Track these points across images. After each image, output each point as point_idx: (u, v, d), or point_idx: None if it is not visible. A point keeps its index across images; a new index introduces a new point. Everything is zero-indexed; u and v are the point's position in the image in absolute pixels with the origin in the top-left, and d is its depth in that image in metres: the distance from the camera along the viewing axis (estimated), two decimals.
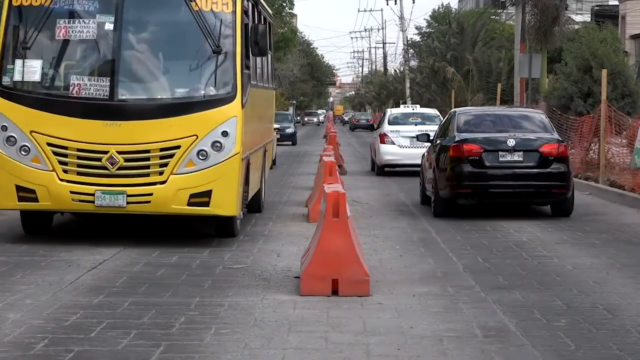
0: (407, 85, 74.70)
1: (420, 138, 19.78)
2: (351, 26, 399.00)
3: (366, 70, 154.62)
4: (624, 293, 9.95)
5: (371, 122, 73.37)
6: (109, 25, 12.82)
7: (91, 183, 12.56)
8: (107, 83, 12.65)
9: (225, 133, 12.62)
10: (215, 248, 12.83)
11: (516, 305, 9.32)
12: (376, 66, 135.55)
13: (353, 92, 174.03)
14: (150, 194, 12.55)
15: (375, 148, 29.27)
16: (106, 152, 12.50)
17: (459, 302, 9.43)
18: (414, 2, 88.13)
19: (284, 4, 62.11)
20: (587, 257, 12.37)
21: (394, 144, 27.67)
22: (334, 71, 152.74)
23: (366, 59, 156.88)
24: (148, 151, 12.56)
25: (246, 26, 13.40)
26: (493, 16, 63.23)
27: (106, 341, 7.72)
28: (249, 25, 13.66)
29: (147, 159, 12.58)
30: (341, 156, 30.99)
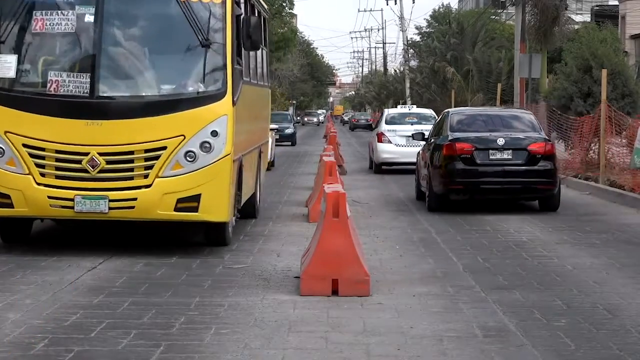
0: (407, 85, 74.73)
1: (415, 137, 20.62)
2: (351, 26, 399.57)
3: (366, 70, 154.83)
4: (624, 293, 9.95)
5: (371, 122, 73.54)
6: (90, 17, 11.91)
7: (70, 187, 11.64)
8: (88, 79, 11.73)
9: (214, 133, 11.74)
10: (215, 248, 12.77)
11: (516, 305, 9.32)
12: (376, 66, 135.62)
13: (353, 92, 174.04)
14: (134, 199, 11.66)
15: (373, 147, 29.99)
16: (87, 154, 11.60)
17: (459, 302, 9.43)
18: (414, 2, 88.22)
19: (284, 4, 62.21)
20: (587, 257, 12.37)
21: (391, 143, 28.49)
22: (334, 71, 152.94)
23: (366, 59, 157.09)
24: (132, 152, 11.66)
25: (237, 18, 12.52)
26: (493, 16, 63.22)
27: (106, 341, 7.72)
28: (241, 17, 12.78)
29: (131, 161, 11.68)
30: (341, 156, 31.12)
